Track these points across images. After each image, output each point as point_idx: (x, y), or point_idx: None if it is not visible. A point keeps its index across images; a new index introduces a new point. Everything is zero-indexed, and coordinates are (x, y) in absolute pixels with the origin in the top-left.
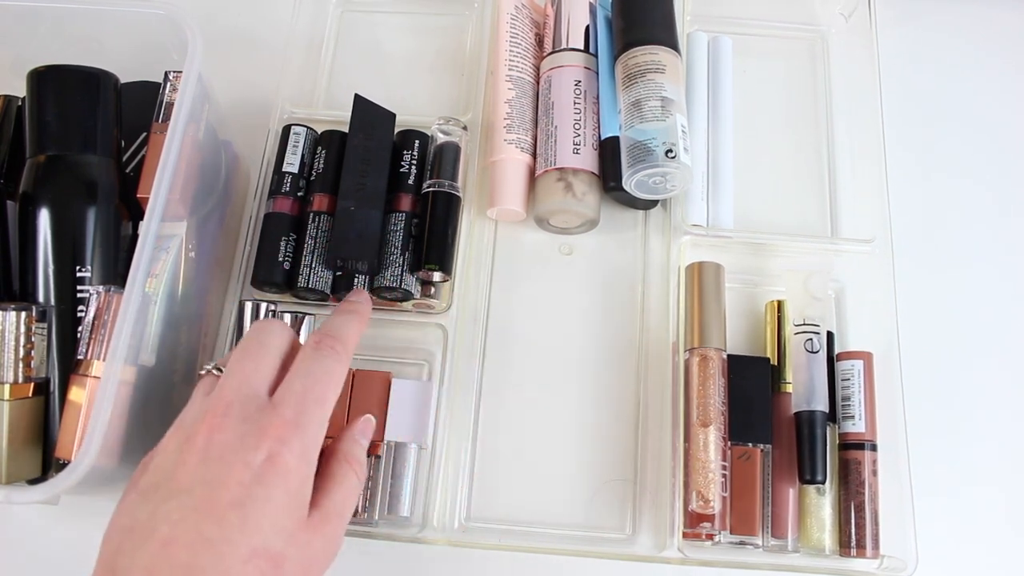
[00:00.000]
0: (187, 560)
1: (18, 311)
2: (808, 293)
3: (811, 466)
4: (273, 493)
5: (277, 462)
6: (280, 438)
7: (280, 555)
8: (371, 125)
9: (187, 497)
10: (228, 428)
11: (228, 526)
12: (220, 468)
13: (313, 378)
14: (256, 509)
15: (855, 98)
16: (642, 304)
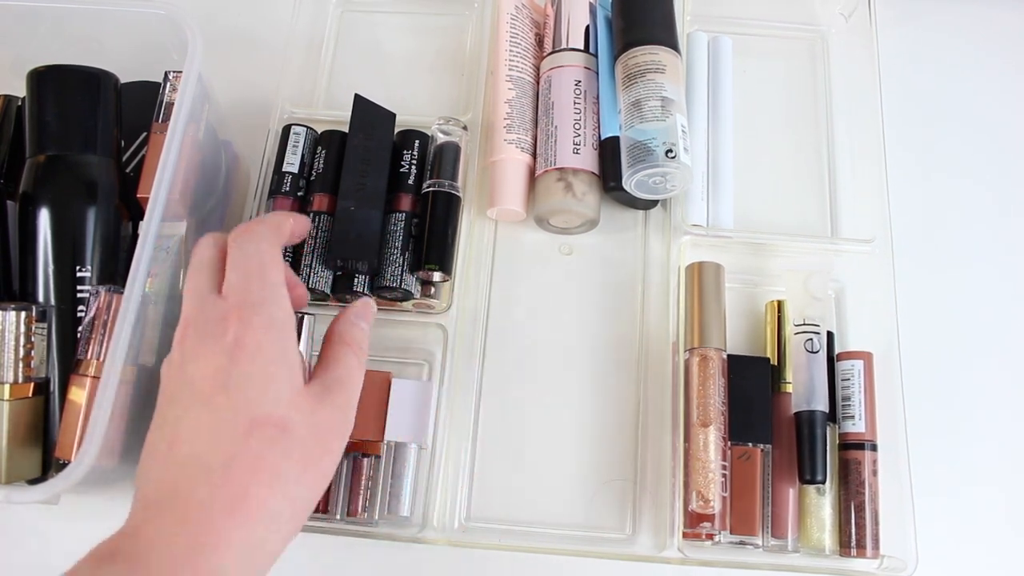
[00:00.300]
0: (191, 451)
1: (18, 311)
2: (808, 293)
3: (811, 466)
4: (253, 368)
5: (245, 340)
6: (239, 319)
7: (283, 419)
8: (371, 125)
9: (176, 402)
10: (191, 336)
11: (218, 408)
12: (196, 367)
13: (245, 262)
14: (240, 386)
15: (855, 98)
16: (642, 304)
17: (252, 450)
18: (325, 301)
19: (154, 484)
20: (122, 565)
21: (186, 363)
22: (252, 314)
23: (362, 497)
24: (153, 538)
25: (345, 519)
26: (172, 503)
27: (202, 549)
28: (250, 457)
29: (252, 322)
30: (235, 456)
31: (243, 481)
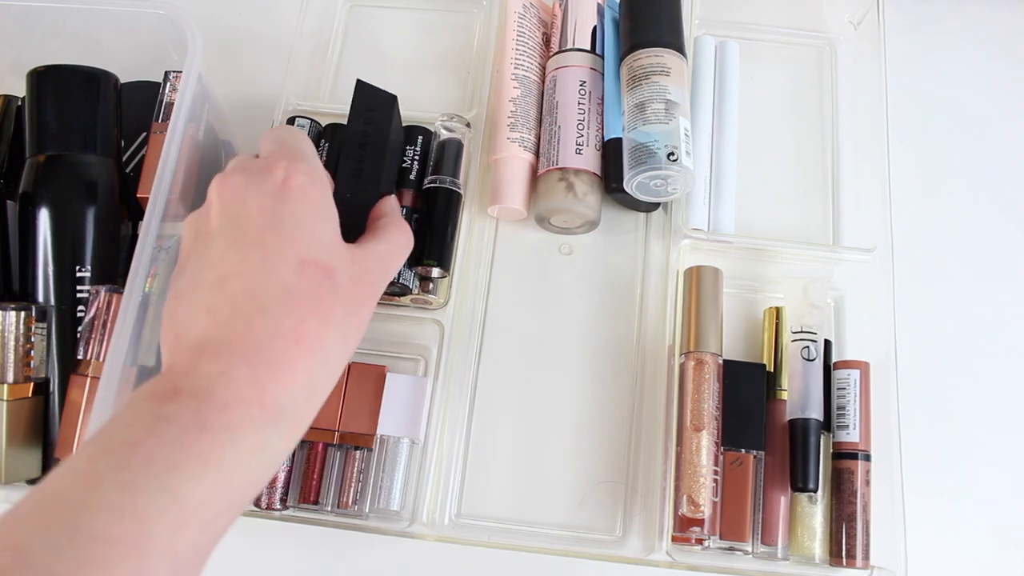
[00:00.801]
0: (242, 286)
1: (18, 311)
2: (807, 301)
3: (803, 474)
4: (298, 209)
5: (291, 183)
6: (285, 165)
7: (328, 264)
8: (371, 109)
9: (219, 240)
10: (234, 179)
11: (268, 245)
12: (241, 205)
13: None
14: (289, 225)
15: (861, 106)
16: (640, 306)
17: (306, 286)
18: None
19: (205, 321)
20: (188, 401)
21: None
22: (296, 160)
23: (353, 490)
24: (214, 374)
25: (335, 511)
26: (231, 337)
27: (267, 382)
28: (306, 292)
29: (298, 166)
30: (290, 291)
31: (302, 314)
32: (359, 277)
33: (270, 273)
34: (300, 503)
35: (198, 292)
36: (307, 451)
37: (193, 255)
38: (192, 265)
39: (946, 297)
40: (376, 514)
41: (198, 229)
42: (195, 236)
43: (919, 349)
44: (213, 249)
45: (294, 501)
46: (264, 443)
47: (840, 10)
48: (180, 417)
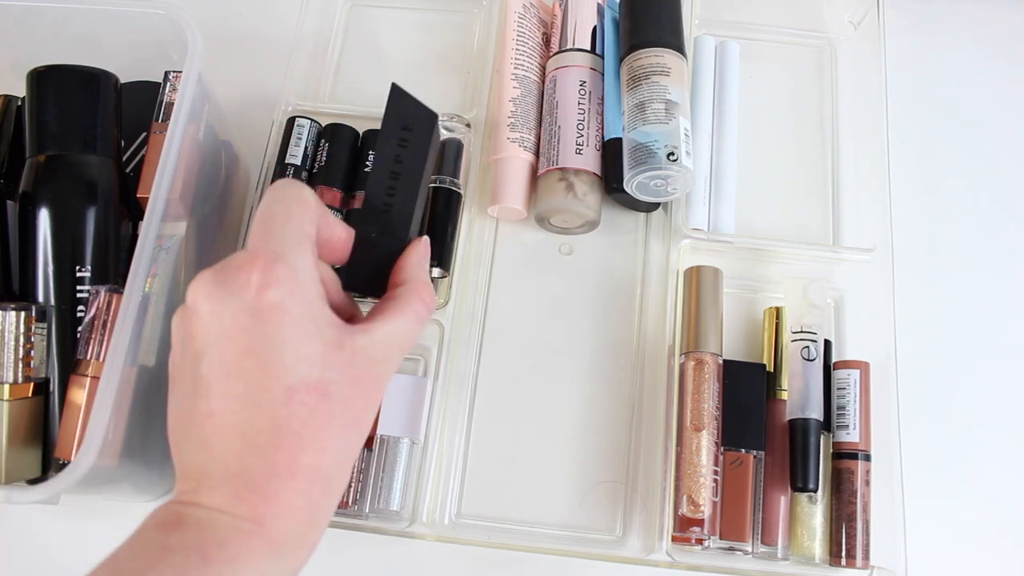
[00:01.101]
0: (230, 422)
1: (18, 311)
2: (807, 301)
3: (803, 474)
4: (277, 328)
5: (266, 296)
6: (262, 269)
7: (320, 382)
8: (406, 127)
9: (204, 364)
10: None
11: (250, 375)
12: (218, 323)
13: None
14: (270, 350)
15: (861, 106)
16: (640, 306)
17: (296, 417)
18: None
19: (199, 454)
20: (191, 533)
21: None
22: (273, 261)
23: (353, 489)
24: (215, 507)
25: (336, 511)
26: (225, 475)
27: (266, 518)
28: (295, 425)
29: (275, 269)
30: (280, 425)
31: (294, 450)
32: (359, 377)
33: (257, 407)
34: None
35: (191, 423)
36: None
37: (183, 374)
38: (184, 388)
39: (946, 297)
40: (376, 514)
41: (183, 340)
42: (182, 348)
43: (919, 349)
44: (200, 375)
45: None
46: (267, 572)
47: (840, 10)
48: (184, 548)
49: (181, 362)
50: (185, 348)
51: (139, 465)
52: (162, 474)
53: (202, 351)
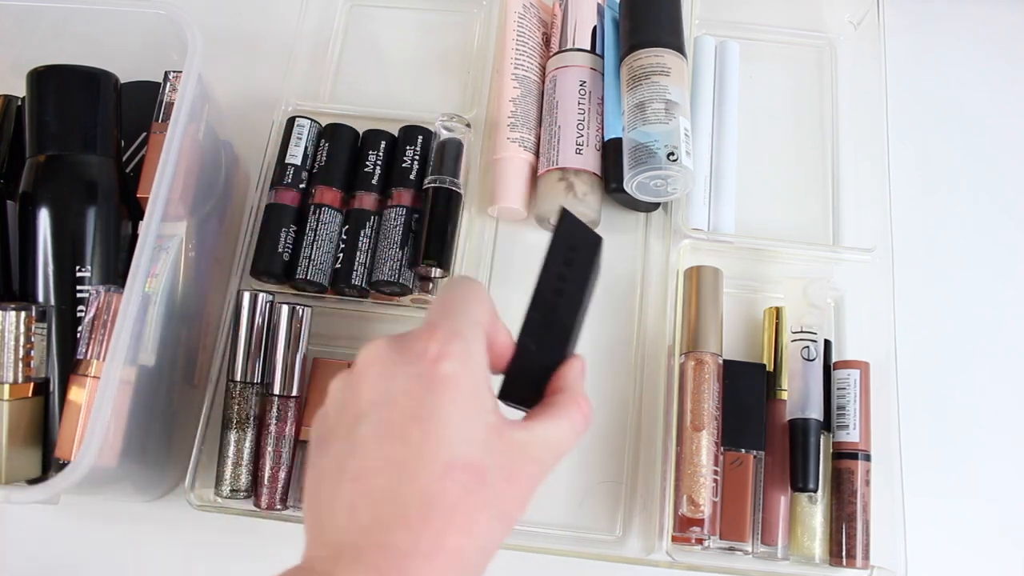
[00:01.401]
0: (384, 486)
1: (18, 311)
2: (807, 301)
3: (803, 474)
4: (447, 401)
5: (441, 368)
6: (440, 341)
7: (478, 465)
8: (573, 248)
9: (365, 425)
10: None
11: (413, 443)
12: (388, 385)
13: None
14: (436, 420)
15: (861, 106)
16: (640, 306)
17: (449, 495)
18: (323, 294)
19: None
20: None
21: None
22: (452, 339)
23: None
24: None
25: None
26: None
27: None
28: (448, 502)
29: (452, 347)
30: (433, 500)
31: (441, 528)
32: (515, 473)
33: (413, 477)
34: (300, 503)
35: (340, 483)
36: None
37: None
38: (337, 446)
39: (946, 297)
40: None
41: (344, 401)
42: (341, 408)
43: (919, 349)
44: (358, 434)
45: (294, 501)
46: None
47: (840, 10)
48: None
49: (336, 423)
50: (345, 408)
51: (139, 465)
52: (162, 474)
53: (365, 412)
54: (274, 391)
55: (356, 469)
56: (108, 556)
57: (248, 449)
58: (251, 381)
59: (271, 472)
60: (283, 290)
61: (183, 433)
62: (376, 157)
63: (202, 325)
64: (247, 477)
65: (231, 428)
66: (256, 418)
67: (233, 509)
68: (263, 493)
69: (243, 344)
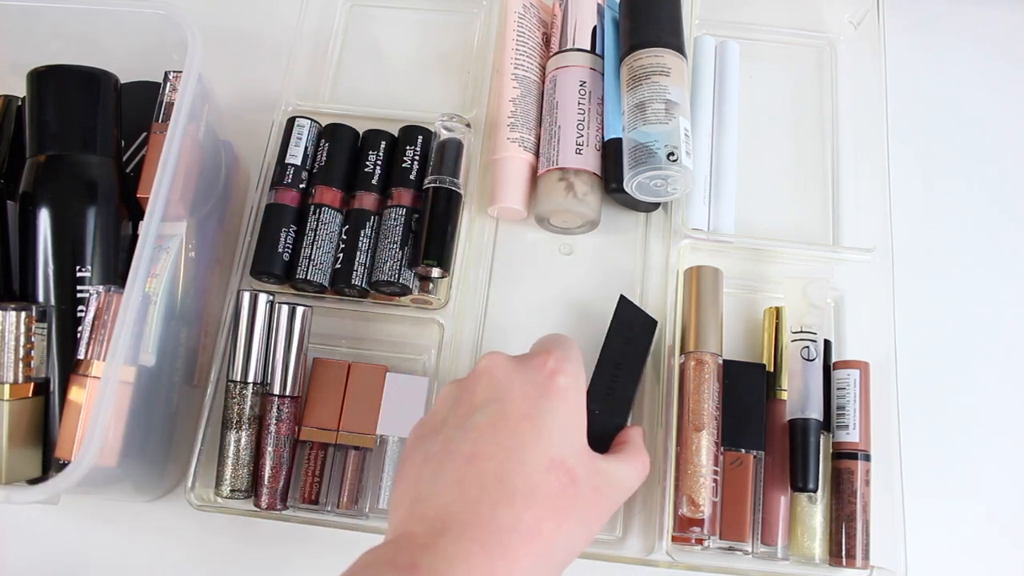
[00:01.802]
0: (494, 468)
1: (18, 311)
2: (807, 301)
3: (803, 474)
4: (557, 408)
5: (557, 380)
6: (557, 360)
7: (574, 470)
8: (631, 328)
9: (481, 416)
10: (504, 362)
11: (524, 435)
12: (507, 386)
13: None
14: (545, 422)
15: (861, 106)
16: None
17: (551, 487)
18: (323, 293)
19: (450, 492)
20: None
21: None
22: (566, 362)
23: (353, 490)
24: (452, 556)
25: (335, 511)
26: (475, 522)
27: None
28: (549, 494)
29: (567, 368)
30: (538, 487)
31: (541, 514)
32: (599, 489)
33: (522, 464)
34: (300, 503)
35: (451, 462)
36: (307, 451)
37: (451, 422)
38: (448, 433)
39: (946, 297)
40: (376, 514)
41: (459, 397)
42: (455, 402)
43: (919, 349)
44: (473, 423)
45: (294, 501)
46: None
47: (840, 10)
48: None
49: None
50: (459, 403)
51: (139, 465)
52: (162, 474)
53: (481, 405)
54: (274, 391)
55: (468, 451)
56: (108, 556)
57: (248, 449)
58: (251, 381)
59: (271, 472)
60: (283, 290)
61: (183, 433)
62: (376, 157)
63: (202, 325)
64: (247, 477)
65: (231, 428)
66: (256, 418)
67: (233, 509)
68: (263, 493)
69: (243, 344)
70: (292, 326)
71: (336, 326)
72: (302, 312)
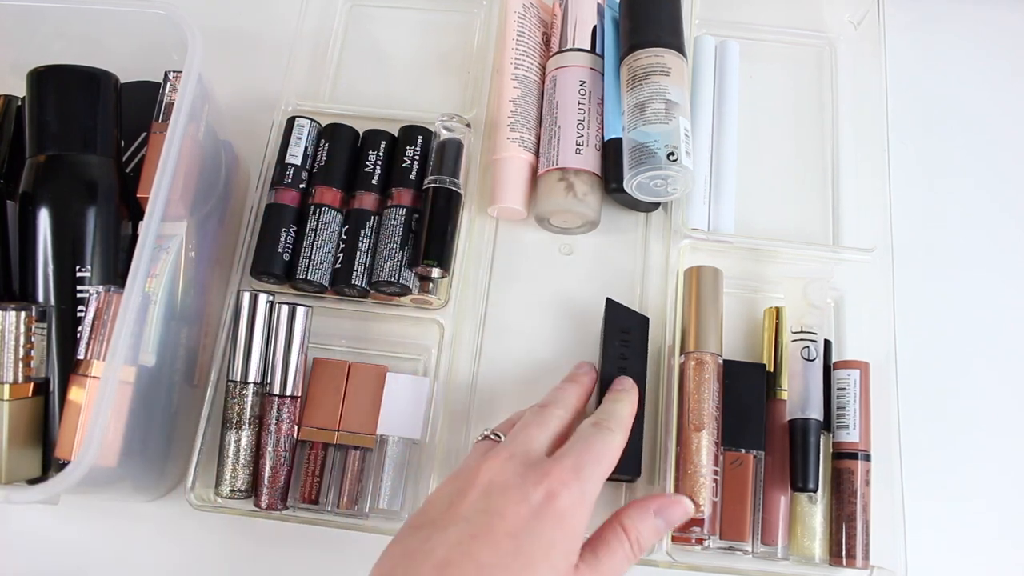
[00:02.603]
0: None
1: (18, 311)
2: (807, 301)
3: (803, 474)
4: (548, 530)
5: (555, 502)
6: (561, 480)
7: None
8: (626, 331)
9: (465, 524)
10: (510, 470)
11: (503, 554)
12: (500, 500)
13: (591, 443)
14: (531, 543)
15: (861, 106)
16: (640, 306)
17: None
18: (323, 293)
19: None
20: None
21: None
22: (573, 481)
23: (353, 490)
24: None
25: (335, 511)
26: None
27: None
28: None
29: (571, 488)
30: None
31: None
32: None
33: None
34: (300, 503)
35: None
36: (307, 451)
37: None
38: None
39: (946, 297)
40: (376, 514)
41: (452, 498)
42: (447, 503)
43: (919, 349)
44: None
45: (294, 501)
46: None
47: (840, 9)
48: None
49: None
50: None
51: (139, 465)
52: (162, 474)
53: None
54: (274, 391)
55: (441, 558)
56: (108, 556)
57: (248, 449)
58: (251, 381)
59: (271, 472)
60: (283, 290)
61: (183, 433)
62: (376, 157)
63: (202, 325)
64: (247, 477)
65: (231, 428)
66: (256, 418)
67: (233, 509)
68: (263, 493)
69: (243, 344)
70: (292, 326)
71: (336, 326)
72: (302, 312)
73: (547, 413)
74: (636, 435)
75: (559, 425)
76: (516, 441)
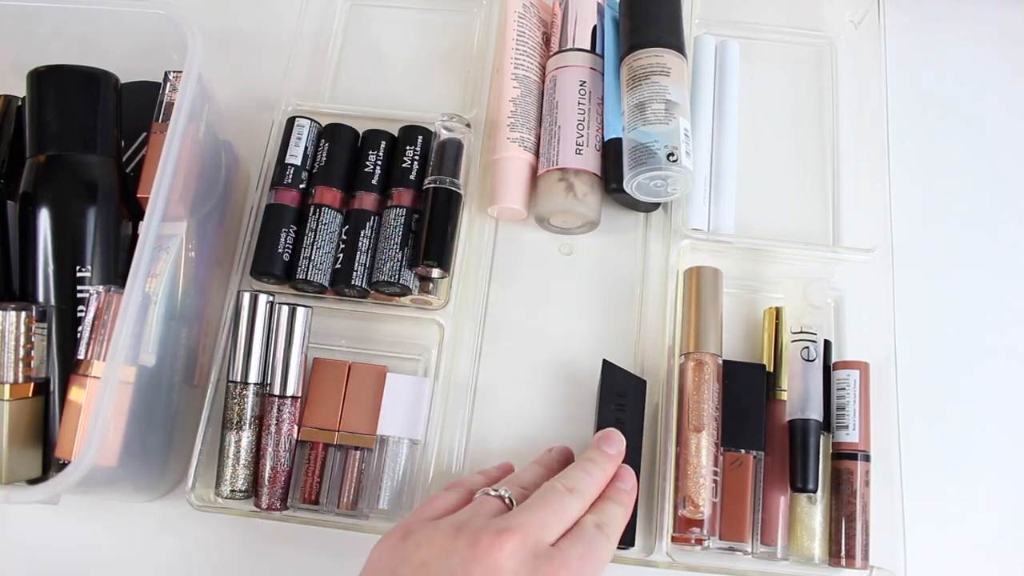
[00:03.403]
0: None
1: (18, 311)
2: (807, 301)
3: (803, 474)
4: None
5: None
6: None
7: None
8: (623, 395)
9: None
10: (520, 555)
11: None
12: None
13: (592, 548)
14: None
15: (862, 106)
16: (640, 306)
17: None
18: (323, 294)
19: None
20: None
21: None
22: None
23: (353, 490)
24: None
25: (335, 511)
26: None
27: None
28: None
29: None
30: None
31: None
32: None
33: None
34: (300, 503)
35: None
36: (307, 451)
37: None
38: None
39: (946, 297)
40: (376, 514)
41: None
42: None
43: (919, 350)
44: None
45: (294, 501)
46: None
47: (840, 9)
48: None
49: (432, 556)
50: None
51: (139, 465)
52: (162, 474)
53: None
54: (274, 391)
55: None
56: (108, 556)
57: (248, 449)
58: (251, 381)
59: (271, 472)
60: (283, 290)
61: (183, 433)
62: (376, 157)
63: (202, 325)
64: (247, 477)
65: (231, 428)
66: (256, 418)
67: (233, 509)
68: (263, 493)
69: (243, 344)
70: (292, 326)
71: (336, 326)
72: (302, 312)
73: (568, 505)
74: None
75: (574, 519)
76: (531, 526)
